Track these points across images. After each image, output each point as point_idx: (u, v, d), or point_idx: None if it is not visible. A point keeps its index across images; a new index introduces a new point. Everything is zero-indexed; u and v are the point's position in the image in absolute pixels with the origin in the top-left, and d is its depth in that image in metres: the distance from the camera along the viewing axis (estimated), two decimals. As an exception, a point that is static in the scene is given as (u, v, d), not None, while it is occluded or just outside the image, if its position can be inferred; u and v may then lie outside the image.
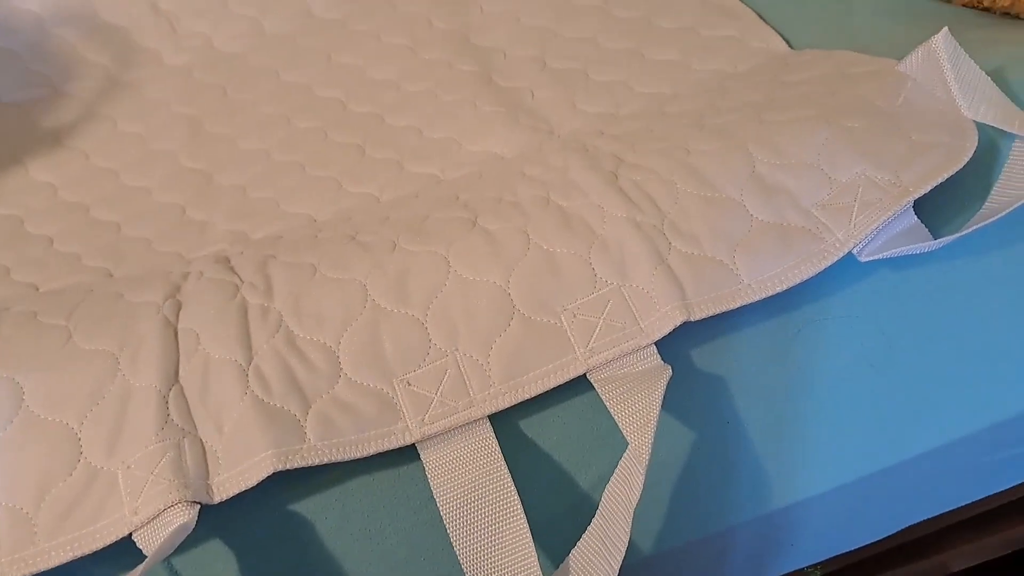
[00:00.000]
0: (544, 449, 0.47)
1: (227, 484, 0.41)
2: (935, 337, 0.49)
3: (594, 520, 0.42)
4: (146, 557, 0.39)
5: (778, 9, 0.71)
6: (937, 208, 0.51)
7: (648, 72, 0.68)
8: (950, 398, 0.49)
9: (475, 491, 0.43)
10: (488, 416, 0.45)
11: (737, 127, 0.53)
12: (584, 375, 0.45)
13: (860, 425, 0.48)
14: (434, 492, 0.43)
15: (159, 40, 0.78)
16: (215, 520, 0.43)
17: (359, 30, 0.77)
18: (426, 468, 0.44)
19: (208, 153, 0.68)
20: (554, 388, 0.45)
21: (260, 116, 0.71)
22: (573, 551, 0.41)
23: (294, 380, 0.44)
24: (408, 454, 0.45)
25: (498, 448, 0.44)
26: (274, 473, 0.41)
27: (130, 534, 0.40)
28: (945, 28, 0.52)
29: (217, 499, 0.41)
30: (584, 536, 0.41)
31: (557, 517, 0.46)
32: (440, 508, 0.43)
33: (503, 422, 0.46)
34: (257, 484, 0.41)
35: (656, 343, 0.46)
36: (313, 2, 0.80)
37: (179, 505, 0.40)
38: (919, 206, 0.49)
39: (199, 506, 0.40)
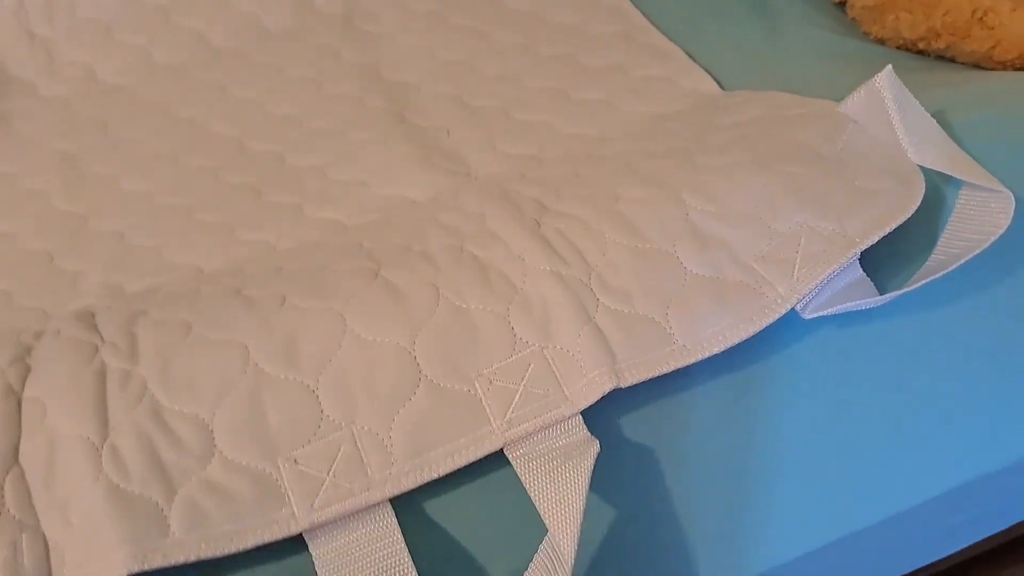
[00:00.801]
0: (456, 536, 0.43)
1: None
2: (884, 398, 0.47)
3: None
4: None
5: (709, 49, 0.69)
6: (881, 259, 0.49)
7: (573, 112, 0.66)
8: (901, 464, 0.46)
9: (374, 588, 0.39)
10: (390, 499, 0.41)
11: (669, 173, 0.50)
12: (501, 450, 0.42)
13: (808, 497, 0.46)
14: (325, 591, 0.40)
15: (34, 69, 0.73)
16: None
17: (259, 62, 0.73)
18: (316, 563, 0.40)
19: (85, 194, 0.64)
20: (467, 465, 0.42)
21: (145, 154, 0.67)
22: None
23: (157, 460, 0.40)
24: (297, 545, 0.41)
25: (401, 537, 0.41)
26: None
27: None
28: (889, 66, 0.51)
29: None
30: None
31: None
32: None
33: (408, 506, 0.43)
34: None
35: (583, 412, 0.43)
36: (209, 31, 0.76)
37: None
38: (861, 257, 0.48)
39: None
